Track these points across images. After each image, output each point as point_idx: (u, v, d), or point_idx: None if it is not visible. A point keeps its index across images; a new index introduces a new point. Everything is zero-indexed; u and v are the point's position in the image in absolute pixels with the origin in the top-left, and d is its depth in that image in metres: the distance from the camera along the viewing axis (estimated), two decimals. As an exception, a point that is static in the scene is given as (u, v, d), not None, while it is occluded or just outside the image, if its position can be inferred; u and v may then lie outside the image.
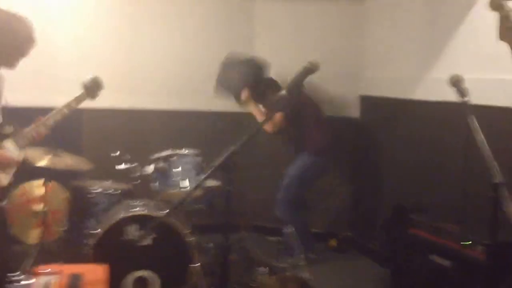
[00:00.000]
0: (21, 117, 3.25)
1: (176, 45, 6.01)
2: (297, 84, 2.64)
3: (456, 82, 2.75)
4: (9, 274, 3.42)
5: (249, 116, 5.49)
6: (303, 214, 5.42)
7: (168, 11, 5.97)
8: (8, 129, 3.10)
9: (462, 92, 2.71)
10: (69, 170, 4.62)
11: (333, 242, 5.89)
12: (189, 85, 6.03)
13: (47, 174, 4.57)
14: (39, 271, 3.22)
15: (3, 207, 3.21)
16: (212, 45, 6.08)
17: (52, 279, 3.12)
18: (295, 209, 5.31)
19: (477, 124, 2.59)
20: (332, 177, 6.03)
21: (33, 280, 3.47)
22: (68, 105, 3.33)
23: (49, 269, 3.24)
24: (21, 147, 3.11)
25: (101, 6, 5.76)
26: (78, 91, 3.47)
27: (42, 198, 4.88)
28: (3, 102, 3.17)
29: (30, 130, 3.15)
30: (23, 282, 3.38)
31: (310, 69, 2.68)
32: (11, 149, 3.05)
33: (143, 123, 5.83)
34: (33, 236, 5.09)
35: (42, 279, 3.12)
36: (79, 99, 3.38)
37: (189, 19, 6.04)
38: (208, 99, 5.91)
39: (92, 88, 3.46)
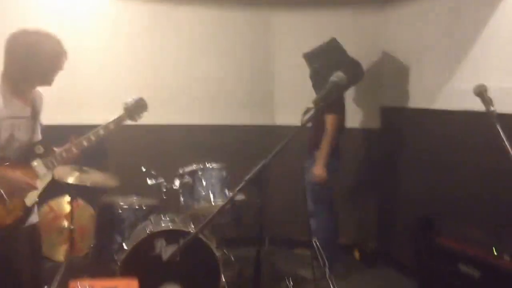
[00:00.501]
0: (52, 135, 3.30)
1: (201, 62, 6.09)
2: (325, 96, 2.67)
3: (481, 92, 2.76)
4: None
5: (272, 128, 5.52)
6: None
7: (193, 30, 6.06)
8: (39, 149, 3.13)
9: (487, 101, 2.71)
10: (97, 186, 4.68)
11: (357, 254, 5.88)
12: (213, 100, 6.11)
13: (74, 191, 4.62)
14: (72, 286, 3.27)
15: (37, 226, 3.25)
16: (235, 62, 6.18)
17: (85, 294, 3.17)
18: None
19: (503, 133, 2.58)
20: (355, 189, 6.05)
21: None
22: (105, 127, 3.27)
23: (82, 284, 3.28)
24: (50, 167, 3.14)
25: (131, 26, 5.85)
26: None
27: (69, 215, 4.95)
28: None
29: (61, 151, 3.17)
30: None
31: (337, 83, 2.70)
32: (38, 169, 3.08)
33: (167, 138, 5.89)
34: (60, 252, 5.15)
35: (75, 295, 3.17)
36: (118, 121, 3.34)
37: (213, 38, 6.11)
38: (231, 114, 5.98)
39: (135, 109, 3.44)
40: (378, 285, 5.31)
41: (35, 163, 3.08)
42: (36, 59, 3.00)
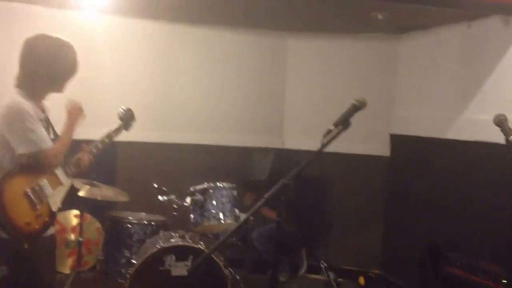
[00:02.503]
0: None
1: (212, 83, 6.15)
2: (345, 119, 2.70)
3: (501, 121, 2.79)
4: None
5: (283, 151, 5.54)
6: None
7: (204, 50, 6.12)
8: None
9: (507, 131, 2.74)
10: (106, 201, 4.70)
11: (362, 280, 5.86)
12: (223, 121, 6.16)
13: (83, 204, 4.64)
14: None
15: (54, 236, 3.26)
16: (246, 83, 6.23)
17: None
18: None
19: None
20: (363, 215, 6.06)
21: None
22: (108, 136, 3.43)
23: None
24: (69, 175, 3.20)
25: (141, 44, 5.90)
26: (115, 123, 3.57)
27: (76, 228, 4.97)
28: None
29: (77, 158, 3.24)
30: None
31: (358, 107, 2.73)
32: (60, 176, 3.13)
33: (179, 157, 5.90)
34: (67, 265, 5.16)
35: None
36: (117, 130, 3.51)
37: (225, 58, 6.17)
38: (240, 135, 6.03)
39: (126, 119, 3.58)
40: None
41: (57, 170, 3.12)
42: (54, 65, 3.06)
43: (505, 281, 3.51)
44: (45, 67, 3.05)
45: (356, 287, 5.82)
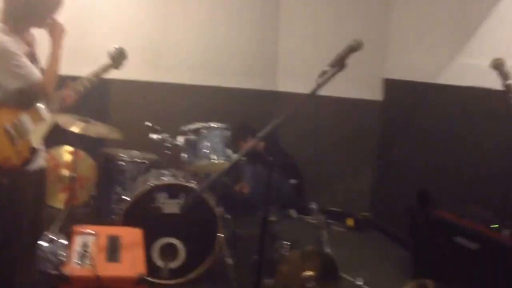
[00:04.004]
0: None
1: (208, 24, 6.05)
2: (341, 60, 2.68)
3: (498, 65, 2.78)
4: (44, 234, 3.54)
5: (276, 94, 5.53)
6: None
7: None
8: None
9: (504, 75, 2.73)
10: (100, 138, 4.70)
11: (350, 222, 5.97)
12: (216, 62, 6.10)
13: (77, 141, 4.64)
14: (76, 232, 3.32)
15: (45, 170, 3.27)
16: (240, 24, 6.15)
17: (90, 239, 3.22)
18: None
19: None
20: (354, 159, 6.11)
21: (65, 241, 3.59)
22: (95, 73, 3.40)
23: (87, 230, 3.33)
24: (52, 110, 3.18)
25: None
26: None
27: (70, 164, 4.97)
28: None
29: (60, 94, 3.22)
30: (61, 241, 3.50)
31: (354, 47, 2.71)
32: (42, 112, 3.11)
33: (172, 97, 5.88)
34: (60, 200, 5.19)
35: (80, 239, 3.21)
36: (105, 68, 3.47)
37: (222, 2, 6.07)
38: (235, 77, 6.00)
39: (117, 58, 3.54)
40: (371, 252, 5.43)
41: (39, 105, 3.10)
42: (33, 0, 3.01)
43: (495, 226, 3.56)
44: (24, 2, 3.01)
45: (345, 229, 5.92)
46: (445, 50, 5.04)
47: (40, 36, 3.24)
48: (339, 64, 2.68)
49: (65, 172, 5.20)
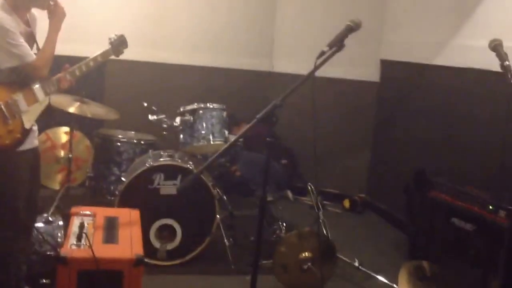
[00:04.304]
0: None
1: (205, 5, 6.03)
2: (340, 40, 2.66)
3: (496, 46, 2.76)
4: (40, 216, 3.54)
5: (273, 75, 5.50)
6: None
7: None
8: None
9: (502, 56, 2.71)
10: (96, 118, 4.68)
11: (347, 203, 5.98)
12: (213, 43, 6.08)
13: (73, 121, 4.63)
14: (74, 213, 3.31)
15: (38, 149, 3.26)
16: (237, 5, 6.13)
17: (87, 220, 3.21)
18: None
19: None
20: (351, 140, 6.11)
21: (61, 221, 3.59)
22: (94, 59, 3.34)
23: (84, 211, 3.33)
24: (48, 93, 3.15)
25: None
26: (105, 44, 3.49)
27: (66, 145, 4.97)
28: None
29: (57, 77, 3.19)
30: (58, 222, 3.50)
31: (352, 27, 2.69)
32: (38, 93, 3.09)
33: (168, 77, 5.87)
34: (56, 181, 5.20)
35: (77, 220, 3.21)
36: (105, 55, 3.40)
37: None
38: (232, 57, 5.99)
39: (117, 45, 3.49)
40: (367, 232, 5.45)
41: (35, 86, 3.08)
42: None
43: (491, 207, 3.57)
44: None
45: (341, 210, 5.94)
46: (442, 31, 5.02)
47: (40, 17, 3.21)
48: (338, 44, 2.66)
49: (62, 153, 5.21)
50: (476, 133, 4.48)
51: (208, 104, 4.46)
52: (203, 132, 4.35)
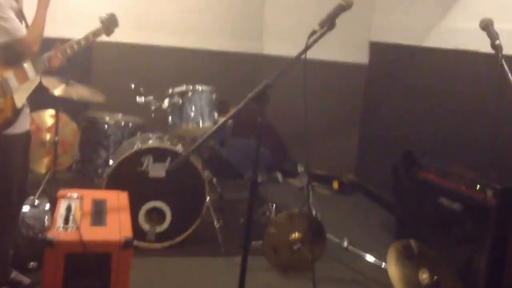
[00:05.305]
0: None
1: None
2: (331, 19, 2.63)
3: (487, 25, 2.73)
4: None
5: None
6: None
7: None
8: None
9: (493, 35, 2.69)
10: (82, 101, 4.61)
11: (335, 184, 5.99)
12: (202, 25, 6.02)
13: (59, 104, 4.56)
14: (61, 196, 3.28)
15: (29, 132, 3.21)
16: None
17: (74, 203, 3.17)
18: None
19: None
20: (339, 122, 6.10)
21: (48, 205, 3.56)
22: (85, 38, 3.29)
23: (71, 194, 3.29)
24: (38, 71, 3.11)
25: None
26: (95, 24, 3.45)
27: (52, 128, 4.91)
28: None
29: (48, 56, 3.14)
30: (44, 206, 3.46)
31: (344, 6, 2.67)
32: (29, 71, 3.04)
33: (157, 60, 5.82)
34: (42, 165, 5.14)
35: (64, 203, 3.17)
36: (96, 33, 3.35)
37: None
38: (222, 39, 5.95)
39: (108, 24, 3.45)
40: (356, 213, 5.48)
41: (25, 64, 3.03)
42: None
43: (478, 186, 3.58)
44: None
45: (330, 192, 5.95)
46: (432, 13, 5.00)
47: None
48: (329, 23, 2.63)
49: (47, 137, 5.14)
50: (465, 114, 4.49)
51: (197, 86, 4.41)
52: (192, 114, 4.30)
